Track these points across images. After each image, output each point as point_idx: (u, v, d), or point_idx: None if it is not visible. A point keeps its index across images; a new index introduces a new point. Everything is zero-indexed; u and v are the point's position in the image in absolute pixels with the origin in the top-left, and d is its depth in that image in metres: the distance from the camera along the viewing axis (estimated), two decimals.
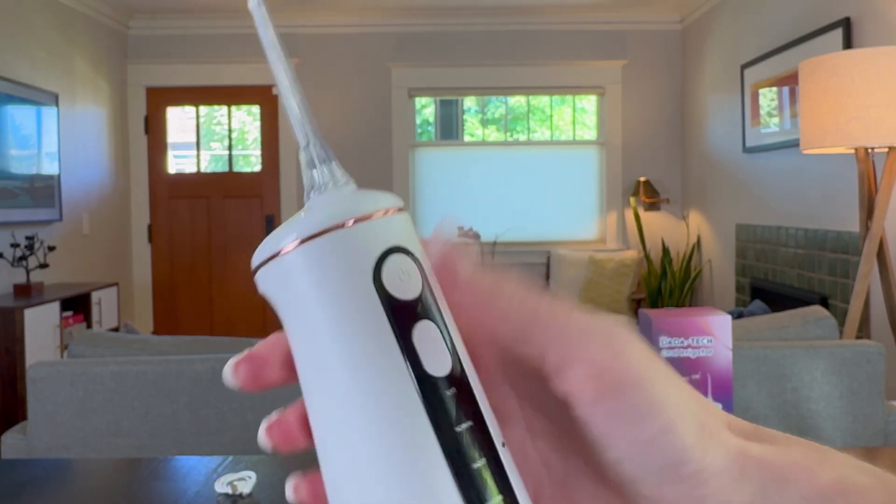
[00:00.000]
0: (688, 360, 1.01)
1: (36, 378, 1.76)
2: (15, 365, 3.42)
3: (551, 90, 5.58)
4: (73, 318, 3.97)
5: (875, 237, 2.37)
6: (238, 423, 1.77)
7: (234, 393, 1.79)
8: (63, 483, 1.19)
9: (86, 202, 4.79)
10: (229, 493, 1.08)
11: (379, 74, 5.48)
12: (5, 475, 1.19)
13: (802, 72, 2.41)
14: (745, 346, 1.79)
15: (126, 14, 5.28)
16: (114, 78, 5.22)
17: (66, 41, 4.56)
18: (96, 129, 4.97)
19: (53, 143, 4.32)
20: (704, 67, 5.12)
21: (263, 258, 0.25)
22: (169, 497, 1.11)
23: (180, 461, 1.26)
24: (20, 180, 3.97)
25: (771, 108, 4.05)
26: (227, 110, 5.57)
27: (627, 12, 5.43)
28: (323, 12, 5.33)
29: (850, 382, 1.78)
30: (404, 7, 5.24)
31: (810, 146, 2.38)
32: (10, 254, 3.83)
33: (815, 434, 1.76)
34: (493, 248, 5.33)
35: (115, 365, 1.78)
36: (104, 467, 1.27)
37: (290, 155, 5.49)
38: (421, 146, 5.61)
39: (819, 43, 3.45)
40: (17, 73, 4.00)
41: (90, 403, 1.76)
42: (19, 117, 3.98)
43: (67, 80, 4.56)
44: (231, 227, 5.56)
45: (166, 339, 1.99)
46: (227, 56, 5.44)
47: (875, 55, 2.23)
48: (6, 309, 3.43)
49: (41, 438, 1.76)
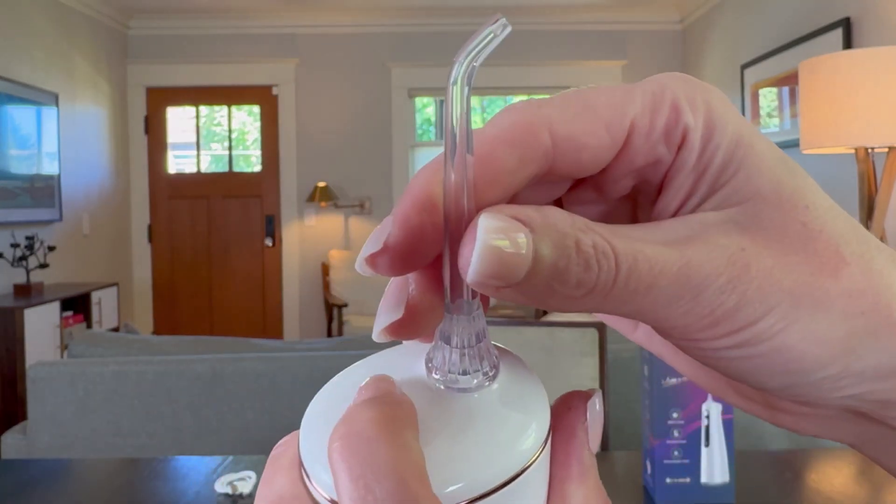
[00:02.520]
0: None
1: (36, 378, 1.76)
2: (15, 365, 3.42)
3: (551, 90, 5.58)
4: (73, 318, 3.97)
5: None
6: (238, 423, 1.77)
7: (234, 393, 1.79)
8: (63, 483, 1.19)
9: (86, 202, 4.79)
10: (229, 493, 1.08)
11: (379, 74, 5.48)
12: (5, 475, 1.19)
13: (802, 72, 2.41)
14: None
15: (126, 14, 5.28)
16: (114, 78, 5.22)
17: (66, 41, 4.56)
18: (96, 129, 4.97)
19: (53, 143, 4.32)
20: (704, 67, 5.12)
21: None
22: (169, 497, 1.11)
23: (180, 461, 1.26)
24: (20, 180, 3.97)
25: (771, 108, 4.05)
26: (227, 110, 5.57)
27: (627, 12, 5.43)
28: (323, 12, 5.33)
29: None
30: (404, 7, 5.24)
31: (810, 146, 2.38)
32: (10, 254, 3.83)
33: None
34: None
35: (115, 365, 1.78)
36: (104, 467, 1.27)
37: (289, 155, 5.49)
38: (421, 146, 5.61)
39: (819, 43, 3.45)
40: (17, 73, 4.00)
41: (90, 403, 1.76)
42: (19, 117, 3.98)
43: (67, 80, 4.56)
44: (231, 227, 5.55)
45: (166, 339, 1.99)
46: (227, 56, 5.44)
47: (875, 55, 2.23)
48: (6, 309, 3.43)
49: (41, 438, 1.76)
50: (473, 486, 0.19)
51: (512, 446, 0.20)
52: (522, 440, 0.20)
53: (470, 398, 0.21)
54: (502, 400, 0.21)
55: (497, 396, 0.21)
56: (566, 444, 0.22)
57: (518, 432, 0.20)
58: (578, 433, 0.22)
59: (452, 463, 0.19)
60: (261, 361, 1.83)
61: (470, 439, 0.20)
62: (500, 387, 0.21)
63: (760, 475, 1.14)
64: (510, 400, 0.21)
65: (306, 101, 5.47)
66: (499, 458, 0.20)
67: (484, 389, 0.21)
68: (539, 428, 0.21)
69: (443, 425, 0.20)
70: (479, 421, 0.20)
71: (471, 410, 0.20)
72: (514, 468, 0.20)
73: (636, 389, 1.83)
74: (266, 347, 1.98)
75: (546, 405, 0.22)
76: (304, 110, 5.47)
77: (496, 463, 0.20)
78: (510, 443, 0.20)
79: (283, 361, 1.84)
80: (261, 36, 5.44)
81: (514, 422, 0.20)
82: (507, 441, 0.20)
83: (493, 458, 0.20)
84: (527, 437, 0.20)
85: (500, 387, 0.21)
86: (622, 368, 1.83)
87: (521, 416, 0.21)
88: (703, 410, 1.02)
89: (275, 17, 5.38)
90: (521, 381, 0.22)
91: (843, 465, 1.21)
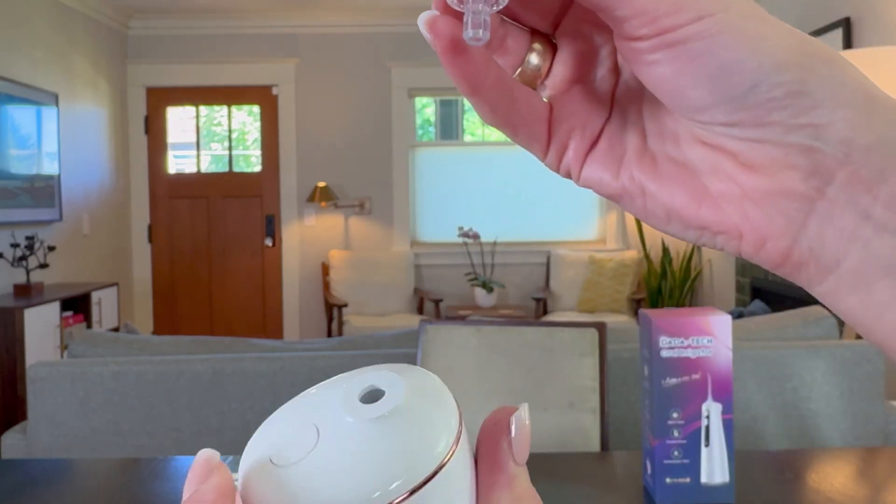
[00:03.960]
0: (688, 360, 1.01)
1: (36, 378, 1.76)
2: (15, 365, 3.42)
3: None
4: (73, 318, 3.97)
5: None
6: (238, 423, 1.77)
7: (234, 393, 1.79)
8: (63, 483, 1.19)
9: (86, 202, 4.79)
10: None
11: (379, 74, 5.48)
12: (5, 475, 1.19)
13: None
14: (745, 346, 1.79)
15: (126, 14, 5.28)
16: (114, 78, 5.22)
17: (66, 41, 4.56)
18: (96, 129, 4.97)
19: (53, 143, 4.32)
20: None
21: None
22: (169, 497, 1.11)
23: (180, 461, 1.26)
24: (20, 180, 3.97)
25: None
26: (227, 110, 5.57)
27: None
28: (323, 12, 5.33)
29: (850, 382, 1.78)
30: (404, 7, 5.24)
31: None
32: (10, 254, 3.83)
33: (815, 434, 1.76)
34: (493, 248, 5.33)
35: (115, 365, 1.78)
36: (104, 467, 1.27)
37: (289, 155, 5.49)
38: (421, 146, 5.61)
39: None
40: (17, 73, 4.00)
41: (90, 403, 1.76)
42: (19, 117, 3.98)
43: (67, 80, 4.56)
44: (231, 227, 5.56)
45: (166, 339, 1.99)
46: (227, 56, 5.44)
47: (875, 55, 2.23)
48: (6, 309, 3.43)
49: (41, 438, 1.76)
50: (387, 494, 0.21)
51: (421, 453, 0.22)
52: (432, 446, 0.22)
53: (378, 422, 0.23)
54: (407, 414, 0.23)
55: (401, 414, 0.23)
56: (491, 456, 0.24)
57: (426, 440, 0.22)
58: (502, 445, 0.24)
59: (366, 477, 0.21)
60: (261, 361, 1.83)
61: (379, 455, 0.22)
62: (402, 405, 0.23)
63: (760, 475, 1.14)
64: (413, 415, 0.23)
65: (306, 101, 5.47)
66: (410, 464, 0.22)
67: (392, 410, 0.23)
68: (446, 436, 0.23)
69: (353, 447, 0.22)
70: (385, 438, 0.22)
71: (379, 430, 0.22)
72: (424, 472, 0.22)
73: (636, 389, 1.83)
74: (266, 347, 1.98)
75: (453, 412, 0.24)
76: (304, 110, 5.47)
77: (407, 469, 0.22)
78: (418, 450, 0.22)
79: (283, 361, 1.84)
80: (261, 36, 5.44)
81: (420, 432, 0.23)
82: (415, 449, 0.22)
83: (402, 466, 0.22)
84: (435, 443, 0.22)
85: (403, 405, 0.23)
86: (622, 368, 1.83)
87: (426, 427, 0.23)
88: (703, 410, 1.02)
89: (275, 17, 5.38)
90: (425, 396, 0.24)
91: (843, 464, 1.21)
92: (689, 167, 0.27)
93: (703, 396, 1.02)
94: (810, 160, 0.24)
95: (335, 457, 0.22)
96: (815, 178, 0.24)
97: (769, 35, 0.24)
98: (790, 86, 0.23)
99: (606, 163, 0.29)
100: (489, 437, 0.24)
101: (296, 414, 0.24)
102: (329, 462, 0.22)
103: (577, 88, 0.29)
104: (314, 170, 5.47)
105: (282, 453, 0.23)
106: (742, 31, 0.23)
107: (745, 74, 0.23)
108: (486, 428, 0.24)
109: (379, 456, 0.22)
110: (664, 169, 0.28)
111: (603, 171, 0.29)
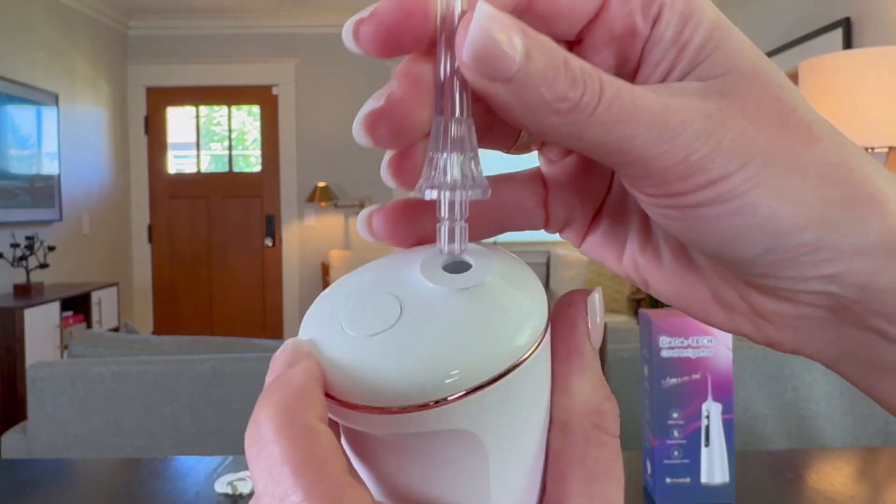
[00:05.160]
0: (688, 360, 1.01)
1: (36, 378, 1.76)
2: (15, 365, 3.42)
3: None
4: (73, 318, 3.97)
5: None
6: (238, 423, 1.77)
7: (235, 393, 1.79)
8: (63, 483, 1.19)
9: (86, 202, 4.79)
10: (229, 493, 1.08)
11: (379, 74, 5.48)
12: (5, 475, 1.19)
13: (802, 72, 2.41)
14: (746, 345, 1.79)
15: (126, 14, 5.28)
16: (114, 78, 5.22)
17: (66, 41, 4.56)
18: (96, 129, 4.97)
19: (53, 143, 4.32)
20: None
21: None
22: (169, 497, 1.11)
23: (180, 461, 1.26)
24: (20, 180, 3.97)
25: None
26: (227, 110, 5.57)
27: None
28: (323, 12, 5.33)
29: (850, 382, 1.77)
30: None
31: None
32: (10, 254, 3.83)
33: (815, 434, 1.76)
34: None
35: (115, 365, 1.78)
36: (104, 467, 1.27)
37: (289, 155, 5.49)
38: None
39: (819, 43, 3.45)
40: (17, 73, 4.00)
41: (90, 403, 1.76)
42: (19, 117, 3.98)
43: (67, 80, 4.56)
44: (231, 227, 5.56)
45: (166, 339, 1.99)
46: (227, 56, 5.44)
47: (875, 55, 2.23)
48: (6, 309, 3.43)
49: (41, 438, 1.76)
50: (469, 378, 0.19)
51: (508, 339, 0.20)
52: (519, 332, 0.20)
53: (464, 294, 0.21)
54: (496, 295, 0.21)
55: (491, 291, 0.21)
56: (567, 339, 0.23)
57: (513, 325, 0.21)
58: (579, 327, 0.23)
59: (446, 356, 0.20)
60: (261, 361, 1.83)
61: (463, 333, 0.20)
62: (493, 282, 0.21)
63: (760, 475, 1.14)
64: (504, 295, 0.21)
65: (306, 101, 5.47)
66: (494, 351, 0.20)
67: (478, 286, 0.21)
68: (536, 321, 0.21)
69: (436, 321, 0.20)
70: (473, 315, 0.20)
71: (465, 306, 0.21)
72: (509, 360, 0.20)
73: (636, 389, 1.83)
74: (266, 347, 1.98)
75: (543, 300, 0.22)
76: (304, 110, 5.47)
77: (491, 355, 0.20)
78: (506, 335, 0.20)
79: None
80: (261, 36, 5.44)
81: (509, 315, 0.21)
82: (502, 334, 0.20)
83: (488, 350, 0.20)
84: (523, 329, 0.21)
85: (494, 282, 0.21)
86: (622, 368, 1.83)
87: (516, 309, 0.21)
88: (703, 410, 1.02)
89: (275, 17, 5.38)
90: (515, 277, 0.22)
91: (843, 464, 1.21)
92: (693, 266, 0.26)
93: (703, 396, 1.02)
94: (822, 299, 0.23)
95: (418, 330, 0.20)
96: (825, 310, 0.23)
97: (788, 193, 0.21)
98: (807, 246, 0.22)
99: (607, 244, 0.28)
100: (564, 318, 0.23)
101: (365, 284, 0.22)
102: (409, 336, 0.20)
103: (574, 157, 0.28)
104: (314, 170, 5.47)
105: (359, 324, 0.21)
106: (757, 196, 0.21)
107: (756, 241, 0.22)
108: (560, 310, 0.23)
109: (466, 333, 0.20)
110: (668, 266, 0.26)
111: (604, 253, 0.28)
